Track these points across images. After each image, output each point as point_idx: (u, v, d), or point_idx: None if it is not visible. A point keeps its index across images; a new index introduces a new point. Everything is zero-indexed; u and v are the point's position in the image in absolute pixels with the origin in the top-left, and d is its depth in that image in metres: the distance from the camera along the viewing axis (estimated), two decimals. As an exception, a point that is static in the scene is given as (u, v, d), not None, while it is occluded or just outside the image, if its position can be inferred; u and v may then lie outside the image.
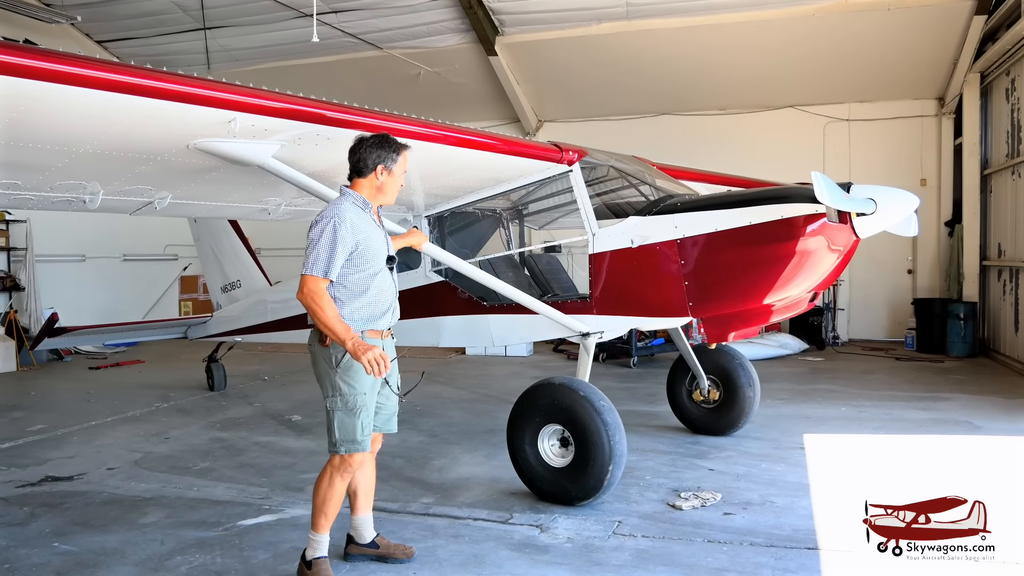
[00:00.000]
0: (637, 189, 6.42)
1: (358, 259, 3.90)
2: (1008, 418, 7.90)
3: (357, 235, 3.86)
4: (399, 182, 4.12)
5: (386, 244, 4.07)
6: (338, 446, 3.96)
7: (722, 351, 7.15)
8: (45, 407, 9.39)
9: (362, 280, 3.94)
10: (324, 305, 3.77)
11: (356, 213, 3.93)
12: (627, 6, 12.87)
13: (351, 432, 3.93)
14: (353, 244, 3.86)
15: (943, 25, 12.16)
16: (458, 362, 12.85)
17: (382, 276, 4.02)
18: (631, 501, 5.40)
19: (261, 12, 14.19)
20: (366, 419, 3.95)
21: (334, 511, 4.06)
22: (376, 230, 4.02)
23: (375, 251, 3.96)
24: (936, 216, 13.98)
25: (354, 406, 3.93)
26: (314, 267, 3.79)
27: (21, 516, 5.31)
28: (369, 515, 4.39)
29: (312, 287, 3.79)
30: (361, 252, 3.90)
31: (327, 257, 3.79)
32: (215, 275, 10.38)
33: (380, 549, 4.37)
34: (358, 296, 3.94)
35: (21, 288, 13.75)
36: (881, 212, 5.03)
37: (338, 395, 3.94)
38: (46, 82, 3.29)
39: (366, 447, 3.98)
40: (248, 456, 6.86)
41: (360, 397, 3.93)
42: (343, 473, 4.02)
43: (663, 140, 14.53)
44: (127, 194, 5.04)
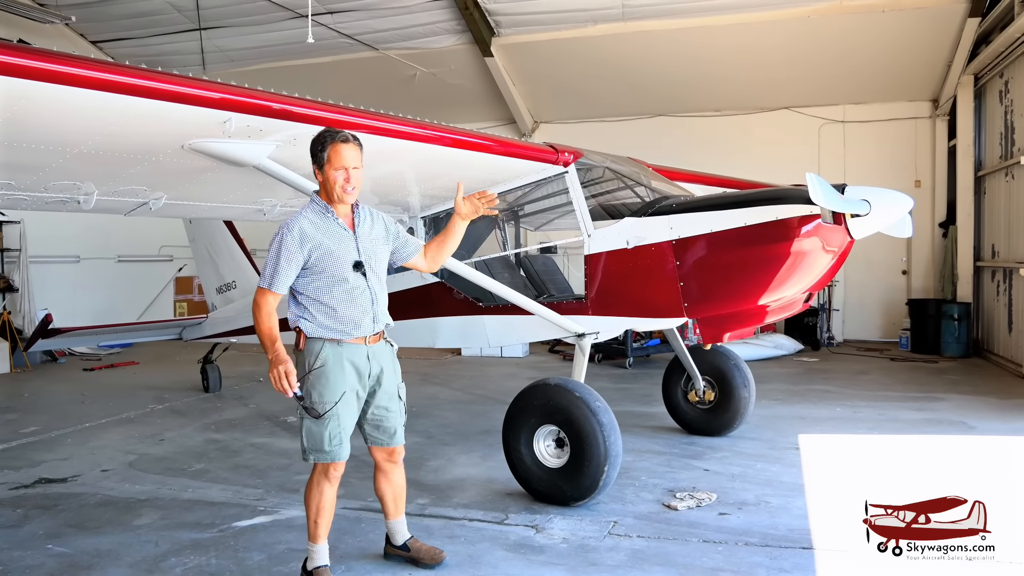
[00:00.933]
0: (632, 190, 6.42)
1: (315, 267, 3.83)
2: (1002, 418, 7.93)
3: (308, 243, 3.79)
4: (338, 179, 3.80)
5: (356, 248, 3.90)
6: (306, 454, 3.92)
7: (717, 352, 7.16)
8: (39, 409, 9.36)
9: (324, 287, 3.85)
10: (260, 317, 3.79)
11: (313, 221, 3.85)
12: (623, 8, 12.89)
13: (318, 441, 3.86)
14: (304, 253, 3.79)
15: (937, 27, 12.20)
16: (454, 363, 12.84)
17: (351, 283, 3.87)
18: (627, 501, 5.40)
19: (256, 13, 14.18)
20: (334, 429, 3.85)
21: (328, 520, 4.02)
22: (341, 234, 3.88)
23: (336, 257, 3.83)
24: (930, 217, 14.02)
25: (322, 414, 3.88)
26: (263, 279, 3.83)
27: (15, 518, 5.29)
28: (400, 519, 4.38)
29: (257, 299, 3.83)
30: (316, 260, 3.81)
31: (272, 270, 3.79)
32: (210, 276, 10.36)
33: (411, 552, 4.37)
34: (323, 304, 3.86)
35: (15, 289, 13.70)
36: (875, 213, 5.04)
37: (308, 402, 3.91)
38: (41, 82, 3.28)
39: (335, 457, 3.89)
40: (243, 457, 6.84)
41: (328, 406, 3.86)
42: (328, 480, 3.97)
43: (658, 141, 14.55)
44: (122, 195, 5.03)
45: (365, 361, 3.94)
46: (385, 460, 4.23)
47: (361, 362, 3.93)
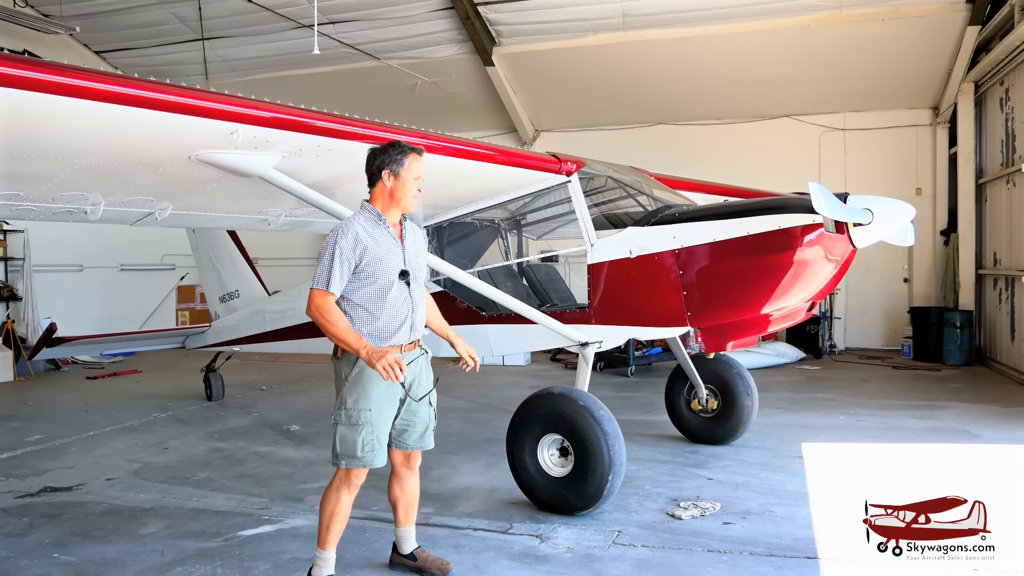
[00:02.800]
0: (635, 199, 6.44)
1: (363, 272, 3.86)
2: (1006, 426, 7.93)
3: (360, 248, 3.83)
4: (411, 187, 3.96)
5: (402, 258, 3.97)
6: (338, 459, 3.94)
7: (720, 360, 7.16)
8: (43, 417, 9.37)
9: (370, 295, 3.89)
10: (332, 319, 3.77)
11: (365, 226, 3.90)
12: (623, 17, 12.94)
13: (351, 447, 3.89)
14: (356, 257, 3.83)
15: (937, 36, 12.25)
16: (455, 371, 12.79)
17: (394, 291, 3.92)
18: (631, 511, 5.40)
19: (259, 23, 14.25)
20: (368, 435, 3.88)
21: (340, 527, 4.03)
22: (390, 243, 3.94)
23: (385, 264, 3.88)
24: (931, 225, 14.04)
25: (357, 421, 3.88)
26: (318, 281, 3.81)
27: (20, 527, 5.30)
28: (410, 528, 4.38)
29: (319, 302, 3.79)
30: (366, 266, 3.85)
31: (327, 271, 3.80)
32: (213, 285, 10.39)
33: (417, 562, 4.37)
34: (366, 310, 3.90)
35: (18, 298, 13.73)
36: (878, 222, 5.07)
37: (343, 408, 3.92)
38: (50, 94, 3.32)
39: (369, 463, 3.91)
40: (247, 466, 6.85)
41: (364, 413, 3.88)
42: (348, 488, 3.98)
43: (660, 150, 14.57)
44: (128, 205, 5.06)
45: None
46: (402, 464, 4.25)
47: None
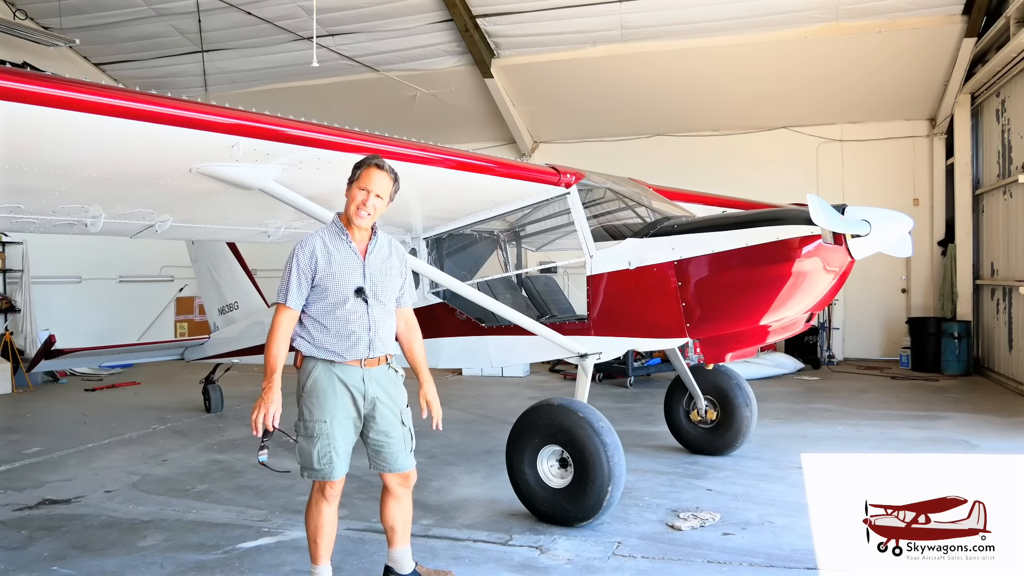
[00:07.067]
0: (634, 211, 6.47)
1: (319, 286, 3.86)
2: (1004, 436, 7.93)
3: (314, 262, 3.84)
4: (356, 197, 3.86)
5: (362, 274, 3.90)
6: (302, 471, 3.95)
7: (719, 371, 7.17)
8: (41, 429, 9.35)
9: (322, 309, 3.88)
10: (272, 337, 3.84)
11: (327, 240, 3.91)
12: (622, 29, 13.02)
13: (308, 459, 3.88)
14: (312, 271, 3.85)
15: (933, 47, 12.34)
16: (455, 383, 12.84)
17: (348, 307, 3.86)
18: (630, 522, 5.40)
19: (258, 35, 14.33)
20: (324, 447, 3.85)
21: (328, 540, 3.99)
22: (348, 258, 3.89)
23: (338, 280, 3.85)
24: (929, 236, 14.09)
25: (312, 433, 3.88)
26: (278, 295, 3.90)
27: (19, 540, 5.29)
28: (405, 548, 4.23)
29: (276, 316, 3.88)
30: (319, 280, 3.85)
31: (286, 285, 3.86)
32: (212, 297, 10.39)
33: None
34: (320, 324, 3.89)
35: (17, 310, 13.72)
36: (876, 233, 5.09)
37: (300, 420, 3.94)
38: (51, 108, 3.33)
39: (327, 476, 3.87)
40: (246, 478, 6.84)
41: (319, 425, 3.87)
42: (325, 499, 3.94)
43: (658, 161, 14.64)
44: (128, 217, 5.08)
45: (360, 383, 3.91)
46: (398, 485, 4.13)
47: (355, 383, 3.90)
